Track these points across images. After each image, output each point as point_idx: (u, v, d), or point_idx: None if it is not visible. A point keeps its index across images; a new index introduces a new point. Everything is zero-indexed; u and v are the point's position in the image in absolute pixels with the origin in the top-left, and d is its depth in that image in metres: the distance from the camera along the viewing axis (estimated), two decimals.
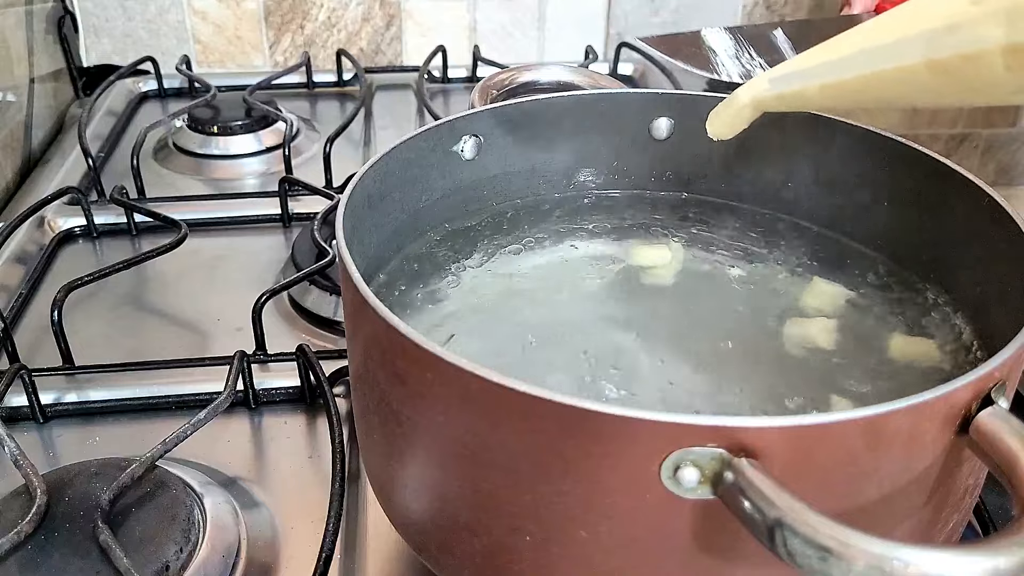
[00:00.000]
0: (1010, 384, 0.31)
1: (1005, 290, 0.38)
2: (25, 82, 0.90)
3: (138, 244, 0.73)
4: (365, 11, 1.05)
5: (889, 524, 0.31)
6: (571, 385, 0.39)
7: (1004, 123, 1.23)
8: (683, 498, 0.28)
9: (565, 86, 0.60)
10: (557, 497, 0.30)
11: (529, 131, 0.50)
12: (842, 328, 0.43)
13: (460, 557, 0.35)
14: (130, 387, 0.56)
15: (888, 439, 0.28)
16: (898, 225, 0.46)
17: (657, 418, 0.27)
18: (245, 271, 0.69)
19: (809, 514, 0.25)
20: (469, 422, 0.31)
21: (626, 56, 1.05)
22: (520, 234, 0.50)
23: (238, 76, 1.02)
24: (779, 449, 0.27)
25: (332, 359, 0.57)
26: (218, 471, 0.50)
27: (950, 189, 0.42)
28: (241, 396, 0.55)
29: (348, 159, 0.85)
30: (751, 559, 0.29)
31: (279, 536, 0.47)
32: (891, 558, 0.24)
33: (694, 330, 0.43)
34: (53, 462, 0.51)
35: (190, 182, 0.83)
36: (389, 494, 0.38)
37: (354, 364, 0.38)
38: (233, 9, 1.03)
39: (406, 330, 0.31)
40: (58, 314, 0.56)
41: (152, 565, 0.41)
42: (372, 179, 0.42)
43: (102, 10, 1.01)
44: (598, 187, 0.53)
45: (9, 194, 0.82)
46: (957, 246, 0.43)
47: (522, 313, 0.44)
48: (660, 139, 0.51)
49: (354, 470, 0.50)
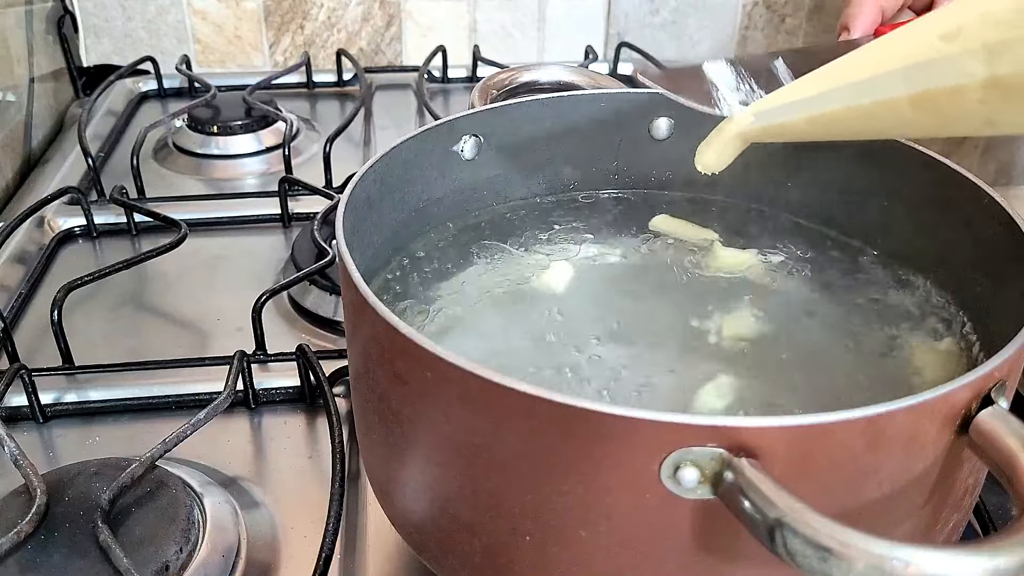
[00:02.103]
0: (1010, 384, 0.31)
1: (1005, 290, 0.38)
2: (25, 82, 0.90)
3: (138, 244, 0.73)
4: (365, 11, 1.05)
5: (889, 524, 0.31)
6: (572, 384, 0.39)
7: None
8: (683, 498, 0.28)
9: (566, 86, 0.60)
10: (557, 497, 0.30)
11: (529, 131, 0.50)
12: (841, 328, 0.43)
13: (460, 557, 0.35)
14: (130, 387, 0.56)
15: (888, 439, 0.28)
16: (898, 225, 0.46)
17: (657, 418, 0.27)
18: (245, 271, 0.69)
19: (809, 514, 0.25)
20: (469, 422, 0.31)
21: (626, 56, 1.05)
22: (520, 234, 0.50)
23: (238, 76, 1.02)
24: (779, 449, 0.27)
25: (332, 359, 0.57)
26: (218, 471, 0.50)
27: (950, 189, 0.42)
28: (241, 396, 0.55)
29: (348, 159, 0.85)
30: (751, 559, 0.29)
31: (279, 536, 0.47)
32: (891, 558, 0.24)
33: (694, 329, 0.43)
34: (53, 462, 0.51)
35: (190, 182, 0.83)
36: (389, 494, 0.38)
37: (354, 364, 0.38)
38: (233, 9, 1.03)
39: (406, 330, 0.31)
40: (58, 314, 0.56)
41: (152, 565, 0.41)
42: (372, 179, 0.42)
43: (102, 10, 1.01)
44: (598, 187, 0.53)
45: (9, 194, 0.82)
46: (957, 246, 0.43)
47: (522, 313, 0.44)
48: (660, 139, 0.51)
49: (354, 470, 0.50)
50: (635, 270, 0.47)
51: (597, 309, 0.44)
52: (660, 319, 0.44)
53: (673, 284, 0.46)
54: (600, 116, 0.51)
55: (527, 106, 0.50)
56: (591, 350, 0.41)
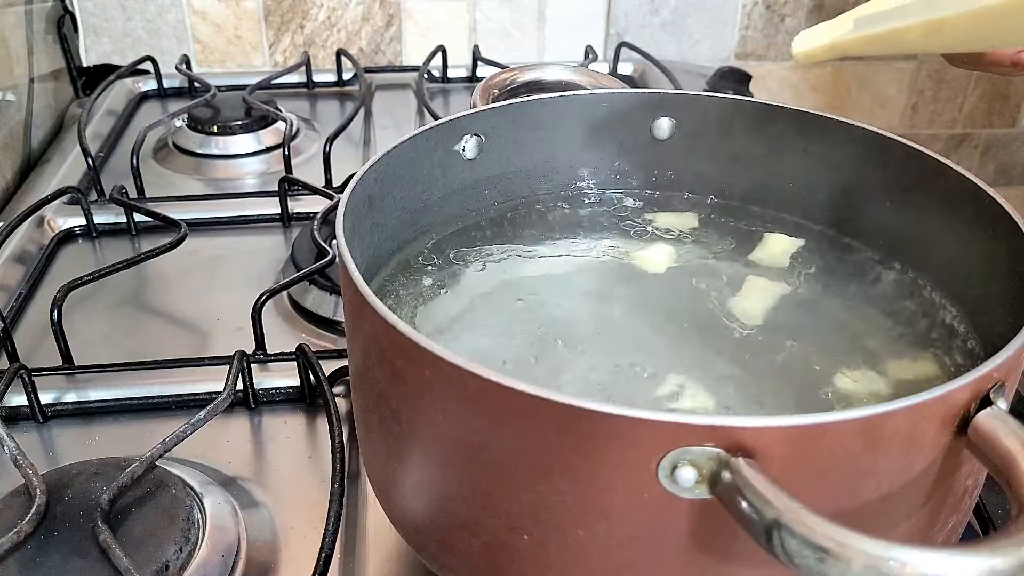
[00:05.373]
0: (1009, 385, 0.31)
1: (1005, 290, 0.38)
2: (25, 82, 0.90)
3: (138, 244, 0.73)
4: (365, 11, 1.05)
5: (887, 525, 0.31)
6: (572, 384, 0.39)
7: (1004, 123, 1.23)
8: (681, 498, 0.28)
9: (567, 86, 0.60)
10: (555, 496, 0.30)
11: (530, 131, 0.50)
12: (841, 327, 0.43)
13: (459, 556, 0.35)
14: (130, 387, 0.56)
15: (886, 439, 0.28)
16: (898, 225, 0.46)
17: (654, 417, 0.27)
18: (245, 271, 0.69)
19: (806, 514, 0.25)
20: (468, 421, 0.31)
21: (626, 56, 1.05)
22: (520, 234, 0.50)
23: (238, 76, 1.02)
24: (777, 449, 0.27)
25: (332, 359, 0.57)
26: (218, 471, 0.50)
27: (950, 189, 0.42)
28: (241, 396, 0.55)
29: (348, 159, 0.85)
30: (748, 559, 0.29)
31: (279, 536, 0.47)
32: (888, 558, 0.24)
33: (695, 330, 0.43)
34: (53, 462, 0.51)
35: (190, 182, 0.83)
36: (389, 493, 0.38)
37: (354, 364, 0.38)
38: (233, 9, 1.03)
39: (405, 329, 0.31)
40: (58, 314, 0.56)
41: (152, 565, 0.41)
42: (372, 179, 0.42)
43: (102, 10, 1.01)
44: (599, 187, 0.53)
45: (9, 194, 0.82)
46: (957, 246, 0.43)
47: (522, 313, 0.44)
48: (661, 139, 0.51)
49: (354, 470, 0.50)
50: (636, 270, 0.47)
51: (599, 307, 0.45)
52: (660, 317, 0.44)
53: (675, 282, 0.46)
54: (602, 116, 0.51)
55: (529, 106, 0.50)
56: (592, 348, 0.41)
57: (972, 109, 1.21)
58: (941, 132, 1.23)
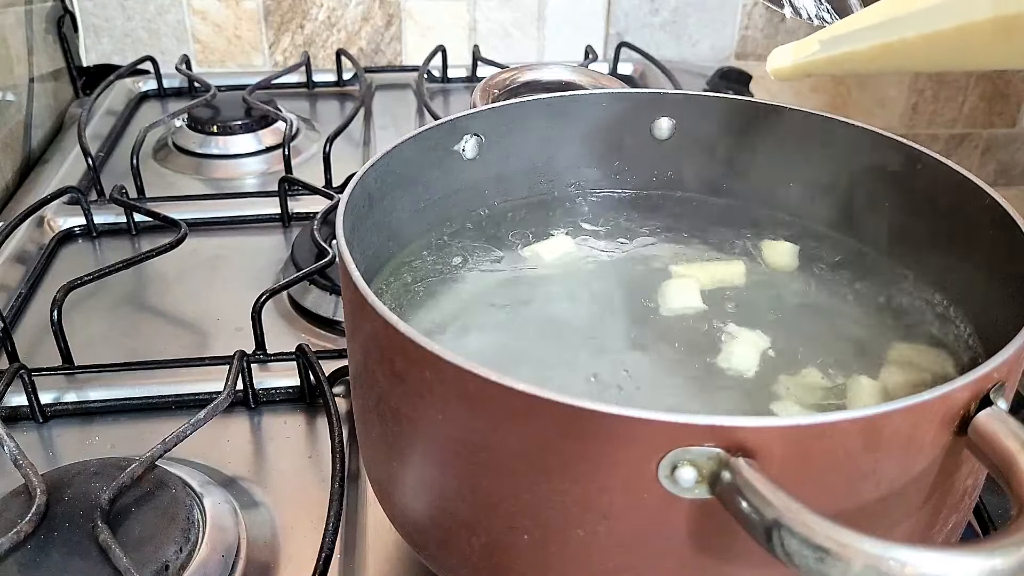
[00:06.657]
0: (1009, 385, 0.31)
1: (1005, 290, 0.38)
2: (25, 81, 0.90)
3: (138, 244, 0.73)
4: (365, 11, 1.05)
5: (887, 525, 0.31)
6: (573, 384, 0.39)
7: (1004, 123, 1.23)
8: (680, 497, 0.28)
9: (568, 86, 0.60)
10: (555, 496, 0.30)
11: (530, 130, 0.50)
12: (840, 327, 0.43)
13: (459, 556, 0.35)
14: (130, 387, 0.56)
15: (886, 440, 0.28)
16: (898, 225, 0.46)
17: (654, 417, 0.27)
18: (245, 271, 0.69)
19: (806, 514, 0.25)
20: (468, 421, 0.31)
21: (626, 56, 1.05)
22: (521, 234, 0.50)
23: (238, 76, 1.02)
24: (777, 449, 0.27)
25: (332, 359, 0.57)
26: (218, 471, 0.50)
27: (950, 189, 0.42)
28: (241, 396, 0.55)
29: (348, 159, 0.85)
30: (748, 559, 0.30)
31: (279, 536, 0.47)
32: (888, 558, 0.24)
33: (697, 324, 0.43)
34: (53, 462, 0.51)
35: (190, 182, 0.83)
36: (389, 493, 0.38)
37: (354, 364, 0.38)
38: (233, 9, 1.03)
39: (405, 329, 0.31)
40: (58, 314, 0.56)
41: (152, 565, 0.41)
42: (372, 178, 0.42)
43: (102, 10, 1.01)
44: (599, 187, 0.53)
45: (9, 194, 0.82)
46: (957, 246, 0.43)
47: (522, 313, 0.44)
48: (662, 139, 0.51)
49: (354, 470, 0.50)
50: (636, 270, 0.47)
51: (598, 307, 0.44)
52: (660, 315, 0.44)
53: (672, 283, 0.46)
54: (602, 116, 0.51)
55: (529, 105, 0.50)
56: (592, 347, 0.41)
57: (972, 109, 1.21)
58: (941, 132, 1.23)
